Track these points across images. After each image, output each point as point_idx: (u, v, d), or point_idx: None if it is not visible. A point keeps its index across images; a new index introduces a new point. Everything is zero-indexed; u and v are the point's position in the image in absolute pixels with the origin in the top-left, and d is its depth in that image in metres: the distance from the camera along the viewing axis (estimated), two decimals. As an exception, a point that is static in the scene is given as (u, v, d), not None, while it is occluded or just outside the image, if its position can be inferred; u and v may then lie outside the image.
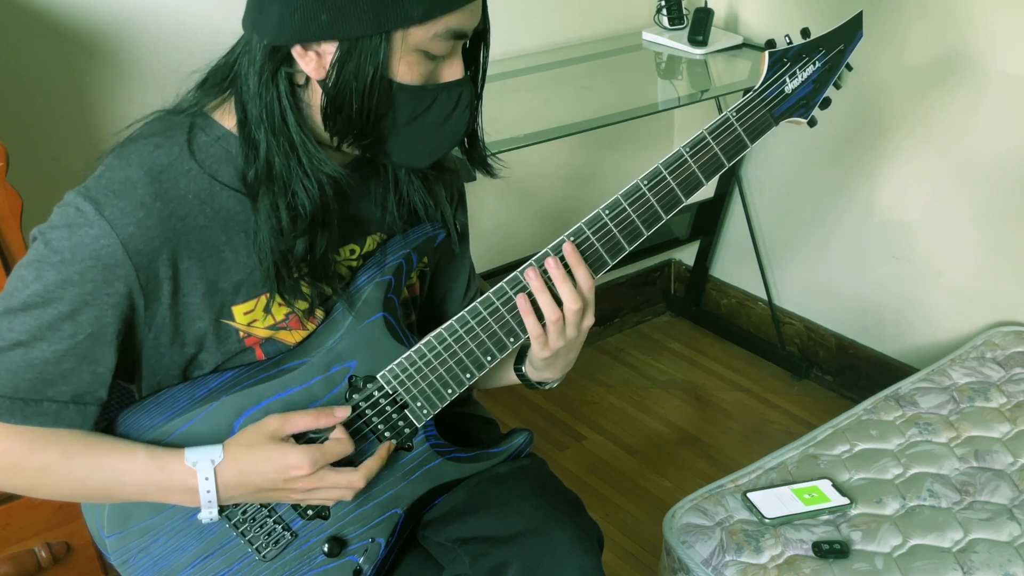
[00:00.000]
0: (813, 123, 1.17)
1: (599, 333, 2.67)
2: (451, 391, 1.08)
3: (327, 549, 1.07)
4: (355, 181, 1.00)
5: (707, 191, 2.50)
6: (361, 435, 1.06)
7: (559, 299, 1.04)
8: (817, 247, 2.37)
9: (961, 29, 1.91)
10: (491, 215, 2.33)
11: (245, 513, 1.04)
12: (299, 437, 1.01)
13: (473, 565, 1.08)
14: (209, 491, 0.97)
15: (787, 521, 1.47)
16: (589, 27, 2.29)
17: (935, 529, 1.46)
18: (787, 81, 1.12)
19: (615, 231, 1.07)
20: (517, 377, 1.19)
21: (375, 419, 1.06)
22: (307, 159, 0.95)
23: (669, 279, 2.81)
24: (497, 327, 1.06)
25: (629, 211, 1.07)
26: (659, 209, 1.09)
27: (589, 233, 1.06)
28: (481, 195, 2.26)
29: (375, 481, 1.06)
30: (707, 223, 2.56)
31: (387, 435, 1.08)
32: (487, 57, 1.01)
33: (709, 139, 1.09)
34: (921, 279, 2.17)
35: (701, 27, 2.16)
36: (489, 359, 1.08)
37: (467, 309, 1.06)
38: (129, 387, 1.09)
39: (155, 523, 1.02)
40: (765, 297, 2.54)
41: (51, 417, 0.94)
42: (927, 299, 2.17)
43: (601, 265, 1.08)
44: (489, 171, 1.09)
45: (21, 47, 1.60)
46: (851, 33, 1.16)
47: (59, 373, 0.93)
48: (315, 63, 0.91)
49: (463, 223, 1.21)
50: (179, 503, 0.99)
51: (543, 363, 1.11)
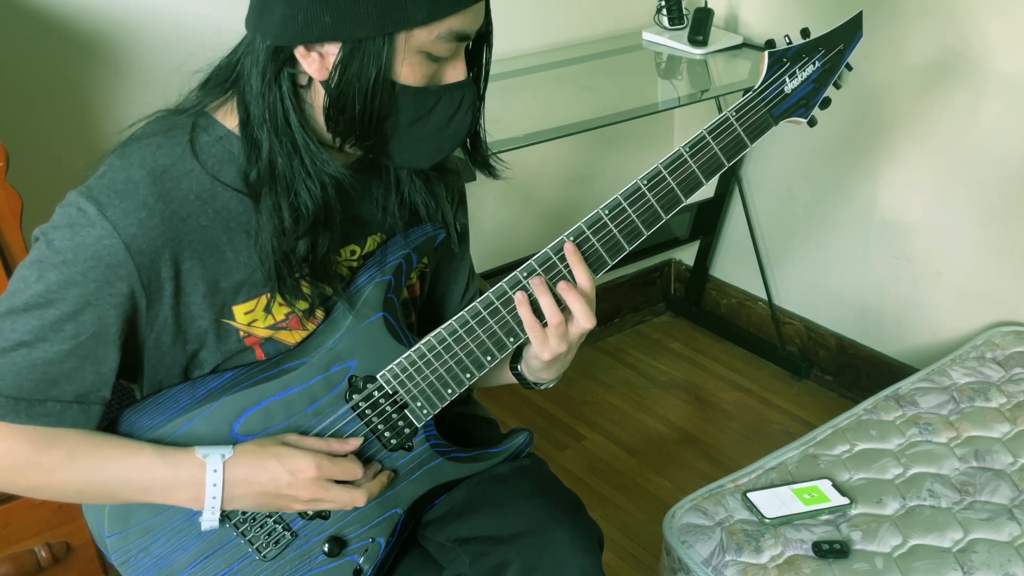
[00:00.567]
0: (813, 123, 1.17)
1: (599, 333, 2.67)
2: (451, 391, 1.08)
3: (327, 549, 1.08)
4: (357, 182, 1.00)
5: (707, 191, 2.51)
6: (361, 435, 1.06)
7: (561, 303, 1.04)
8: (817, 247, 2.37)
9: (961, 29, 1.91)
10: (491, 215, 2.33)
11: (246, 513, 1.04)
12: None
13: (473, 565, 1.08)
14: (215, 484, 0.97)
15: (787, 521, 1.47)
16: (589, 27, 2.29)
17: (935, 529, 1.46)
18: (787, 81, 1.12)
19: (615, 231, 1.07)
20: (513, 376, 1.19)
21: (375, 419, 1.06)
22: (310, 159, 0.95)
23: (669, 279, 2.81)
24: (497, 327, 1.07)
25: (629, 211, 1.07)
26: (659, 209, 1.09)
27: (589, 233, 1.06)
28: (481, 195, 2.26)
29: (375, 481, 1.06)
30: (707, 223, 2.56)
31: (387, 435, 1.08)
32: (490, 58, 1.01)
33: (709, 139, 1.09)
34: (921, 279, 2.17)
35: (701, 27, 2.17)
36: (489, 359, 1.08)
37: (467, 309, 1.06)
38: (131, 387, 1.09)
39: (156, 523, 1.02)
40: (765, 297, 2.54)
41: (55, 417, 0.94)
42: (927, 299, 2.17)
43: (601, 265, 1.08)
44: (491, 172, 1.09)
45: (21, 47, 1.60)
46: (851, 33, 1.16)
47: (62, 373, 0.93)
48: (318, 64, 0.91)
49: (463, 224, 1.21)
50: (182, 503, 0.99)
51: (542, 365, 1.11)
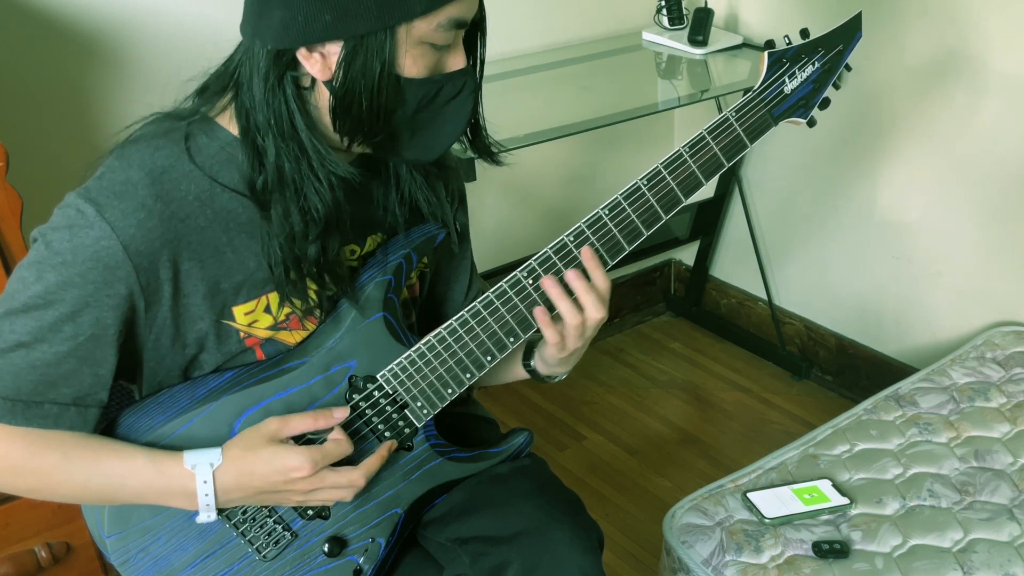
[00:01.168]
0: (812, 123, 1.17)
1: (599, 333, 2.66)
2: (451, 391, 1.08)
3: (327, 549, 1.07)
4: (356, 184, 1.00)
5: (707, 191, 2.50)
6: (361, 435, 1.06)
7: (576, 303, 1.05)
8: (817, 247, 2.37)
9: (961, 29, 1.91)
10: (491, 215, 2.33)
11: (245, 513, 1.04)
12: (298, 439, 1.01)
13: (473, 565, 1.08)
14: (207, 495, 0.97)
15: (787, 521, 1.47)
16: (589, 27, 2.29)
17: (935, 529, 1.46)
18: (786, 81, 1.12)
19: (615, 231, 1.07)
20: (526, 372, 1.19)
21: (375, 419, 1.06)
22: (318, 161, 0.95)
23: (669, 279, 2.81)
24: (497, 327, 1.07)
25: (629, 211, 1.07)
26: (659, 209, 1.09)
27: (589, 233, 1.06)
28: (481, 195, 2.26)
29: (375, 481, 1.06)
30: (707, 223, 2.56)
31: (387, 435, 1.08)
32: (484, 45, 1.01)
33: (709, 139, 1.09)
34: (921, 279, 2.17)
35: (701, 27, 2.17)
36: (489, 359, 1.08)
37: (467, 309, 1.06)
38: (131, 387, 1.09)
39: (155, 523, 1.02)
40: (765, 297, 2.54)
41: (52, 419, 0.94)
42: (927, 299, 2.17)
43: (601, 265, 1.08)
44: (493, 159, 1.10)
45: (21, 47, 1.60)
46: (850, 33, 1.16)
47: (60, 375, 0.93)
48: (320, 64, 0.91)
49: (464, 223, 1.21)
50: (180, 506, 0.99)
51: (558, 361, 1.12)
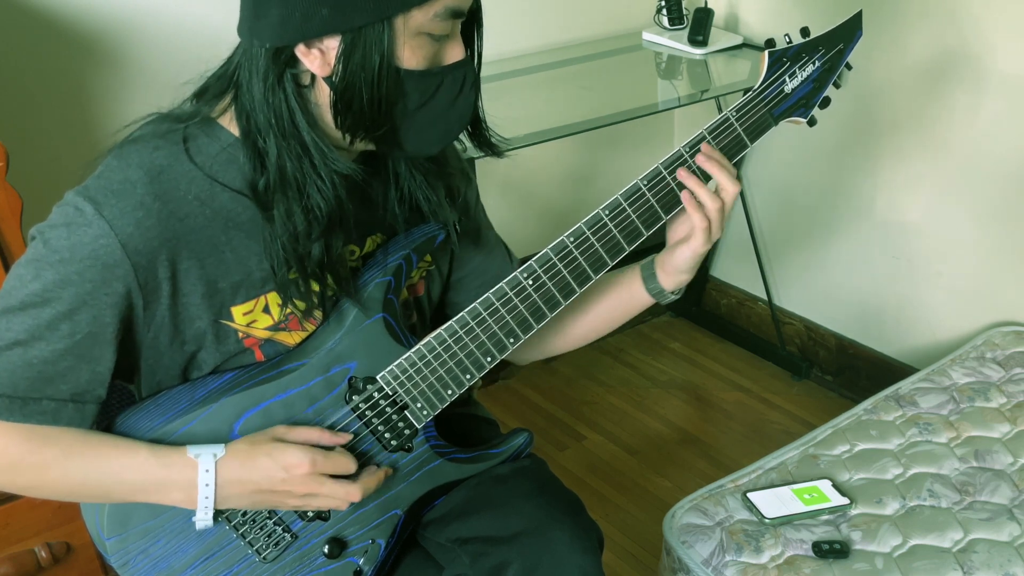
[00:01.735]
0: (813, 123, 1.17)
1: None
2: (451, 392, 1.08)
3: (327, 550, 1.07)
4: (359, 180, 1.00)
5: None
6: (361, 437, 1.06)
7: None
8: (817, 247, 2.37)
9: (961, 29, 1.91)
10: (491, 215, 2.31)
11: (245, 515, 1.04)
12: None
13: (473, 565, 1.08)
14: (208, 484, 0.97)
15: (787, 521, 1.47)
16: (589, 27, 2.29)
17: (935, 529, 1.46)
18: (787, 81, 1.12)
19: (615, 231, 1.07)
20: (650, 296, 1.18)
21: (375, 420, 1.06)
22: (320, 159, 0.95)
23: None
24: (497, 328, 1.07)
25: (629, 211, 1.07)
26: (659, 209, 1.09)
27: (589, 233, 1.06)
28: (481, 195, 2.25)
29: (375, 482, 1.06)
30: (707, 223, 2.56)
31: (387, 436, 1.08)
32: (481, 36, 1.01)
33: (709, 139, 1.09)
34: (921, 279, 2.17)
35: (701, 27, 2.17)
36: (489, 360, 1.08)
37: (467, 310, 1.06)
38: (129, 387, 1.09)
39: (155, 525, 1.02)
40: (765, 297, 2.54)
41: (50, 415, 0.94)
42: (927, 299, 2.17)
43: (601, 265, 1.08)
44: (495, 151, 1.09)
45: (21, 47, 1.60)
46: (851, 32, 1.16)
47: (58, 372, 0.93)
48: (319, 60, 0.91)
49: (476, 216, 1.22)
50: (176, 502, 0.99)
51: (693, 264, 1.13)
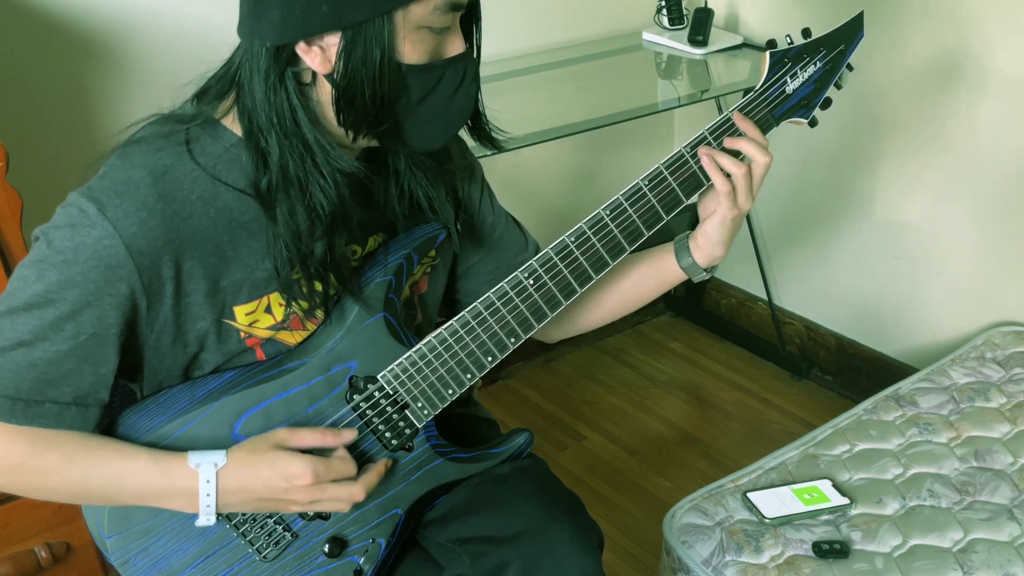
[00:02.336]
0: (814, 123, 1.17)
1: (599, 333, 2.67)
2: (452, 391, 1.08)
3: (327, 550, 1.07)
4: (359, 179, 1.00)
5: (707, 191, 2.50)
6: (362, 436, 1.06)
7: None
8: (817, 247, 2.37)
9: (961, 29, 1.91)
10: (491, 215, 2.33)
11: (246, 514, 1.04)
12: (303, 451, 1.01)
13: (473, 565, 1.08)
14: (209, 494, 0.97)
15: (787, 521, 1.47)
16: (589, 27, 2.29)
17: (935, 529, 1.46)
18: (788, 81, 1.12)
19: (616, 231, 1.07)
20: (683, 272, 1.20)
21: (376, 420, 1.06)
22: (322, 157, 0.95)
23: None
24: (498, 327, 1.07)
25: (630, 211, 1.07)
26: (660, 209, 1.09)
27: (590, 233, 1.06)
28: (481, 195, 2.26)
29: (375, 481, 1.06)
30: (707, 223, 2.56)
31: (388, 435, 1.08)
32: (480, 30, 1.01)
33: (711, 139, 1.09)
34: (921, 279, 2.17)
35: (701, 27, 2.17)
36: (490, 359, 1.08)
37: (468, 310, 1.06)
38: (132, 386, 1.09)
39: (156, 523, 1.02)
40: (765, 297, 2.54)
41: (53, 418, 0.94)
42: (927, 299, 2.17)
43: (602, 265, 1.08)
44: (495, 144, 1.09)
45: (21, 47, 1.60)
46: (852, 33, 1.16)
47: (61, 374, 0.93)
48: (320, 57, 0.91)
49: (486, 208, 1.22)
50: (179, 508, 0.99)
51: (724, 235, 1.12)
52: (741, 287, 2.63)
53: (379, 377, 1.06)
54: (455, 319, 1.06)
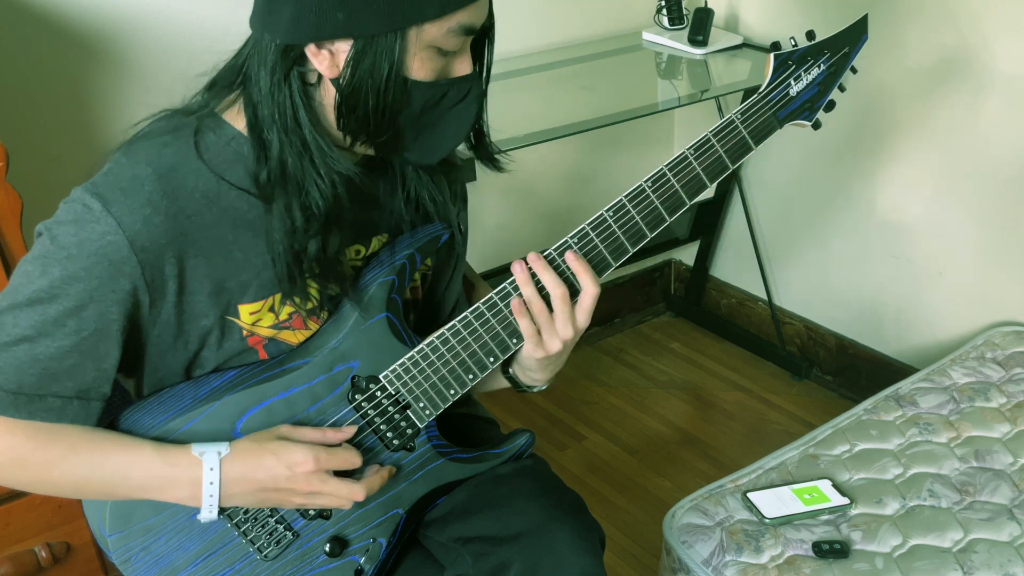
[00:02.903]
0: (817, 126, 1.16)
1: (599, 333, 2.67)
2: (453, 391, 1.08)
3: (328, 549, 1.07)
4: (363, 181, 1.00)
5: (707, 191, 2.50)
6: (364, 435, 1.06)
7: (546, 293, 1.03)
8: (817, 247, 2.38)
9: (961, 29, 1.91)
10: (491, 215, 2.33)
11: (247, 512, 1.04)
12: None
13: (475, 565, 1.08)
14: (212, 483, 0.97)
15: (787, 521, 1.48)
16: (589, 27, 2.29)
17: (935, 529, 1.46)
18: (792, 84, 1.12)
19: (618, 233, 1.07)
20: (507, 381, 1.17)
21: (377, 419, 1.06)
22: (320, 158, 0.95)
23: (669, 279, 2.81)
24: (500, 328, 1.07)
25: (633, 213, 1.07)
26: (663, 211, 1.09)
27: (593, 235, 1.06)
28: (481, 195, 2.26)
29: (377, 481, 1.06)
30: (707, 223, 2.56)
31: (389, 435, 1.08)
32: (492, 52, 1.01)
33: (714, 141, 1.09)
34: (921, 279, 2.17)
35: (701, 27, 2.17)
36: (492, 360, 1.08)
37: (470, 309, 1.06)
38: (126, 382, 1.08)
39: (157, 522, 1.02)
40: (765, 297, 2.54)
41: (55, 412, 0.94)
42: (927, 299, 2.17)
43: (604, 267, 1.08)
44: (496, 165, 1.10)
45: (21, 47, 1.60)
46: (856, 36, 1.16)
47: (63, 369, 0.93)
48: (328, 61, 0.91)
49: (464, 224, 1.21)
50: (181, 500, 0.99)
51: (536, 364, 1.09)
52: (741, 287, 2.63)
53: (381, 377, 1.06)
54: (457, 319, 1.06)
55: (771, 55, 1.11)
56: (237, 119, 0.98)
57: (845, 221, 2.28)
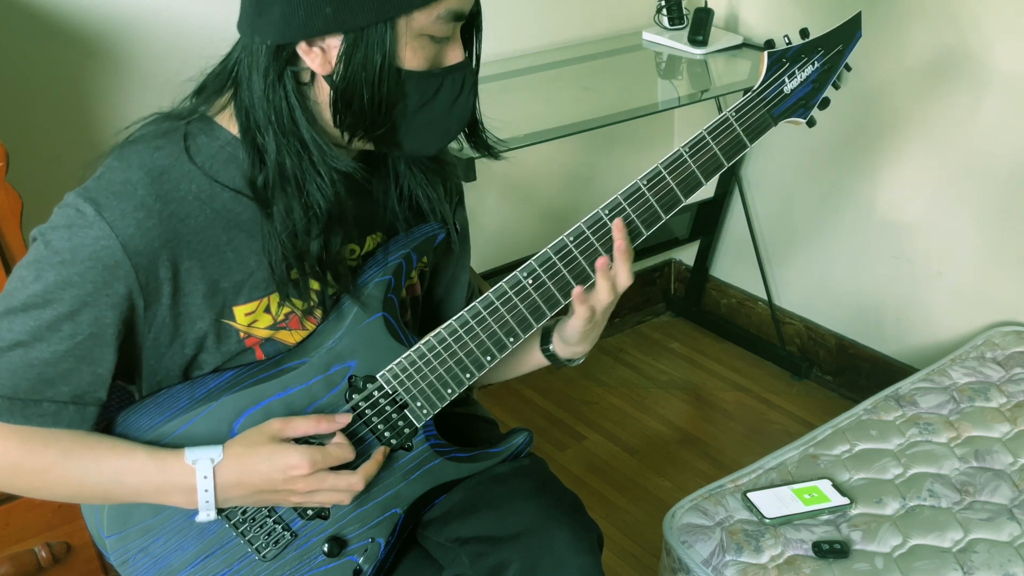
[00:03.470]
0: (812, 123, 1.17)
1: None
2: (451, 391, 1.08)
3: (327, 549, 1.07)
4: (357, 179, 1.00)
5: (707, 191, 2.51)
6: (360, 435, 1.06)
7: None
8: (817, 247, 2.37)
9: (961, 29, 1.91)
10: (491, 215, 2.33)
11: (245, 513, 1.04)
12: (300, 442, 1.01)
13: (473, 565, 1.08)
14: (207, 490, 0.97)
15: (787, 521, 1.47)
16: (589, 27, 2.29)
17: (935, 529, 1.46)
18: (786, 81, 1.12)
19: (615, 231, 1.07)
20: (545, 358, 1.19)
21: (375, 419, 1.06)
22: (319, 156, 0.95)
23: (669, 279, 2.81)
24: (497, 327, 1.07)
25: (629, 211, 1.07)
26: (659, 209, 1.09)
27: (588, 233, 1.06)
28: (481, 195, 2.26)
29: (375, 481, 1.06)
30: (707, 223, 2.56)
31: (387, 435, 1.08)
32: (480, 39, 1.01)
33: (708, 139, 1.09)
34: (921, 279, 2.17)
35: (701, 27, 2.17)
36: (489, 359, 1.08)
37: (467, 309, 1.06)
38: (130, 387, 1.09)
39: (155, 523, 1.02)
40: (765, 297, 2.54)
41: (50, 417, 0.94)
42: (927, 299, 2.17)
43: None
44: (492, 153, 1.09)
45: (21, 47, 1.60)
46: (850, 33, 1.16)
47: (58, 373, 0.93)
48: (320, 58, 0.91)
49: (463, 223, 1.21)
50: (177, 504, 0.99)
51: (581, 336, 1.11)
52: (741, 287, 2.63)
53: (378, 376, 1.06)
54: (454, 319, 1.06)
55: (765, 53, 1.11)
56: (230, 123, 0.98)
57: (845, 221, 2.28)
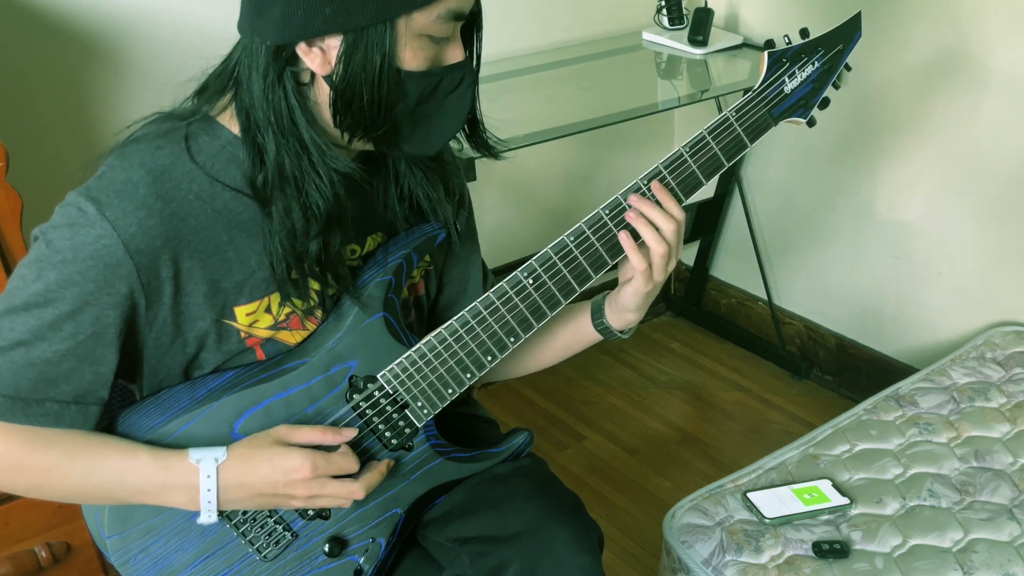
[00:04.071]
0: (812, 123, 1.17)
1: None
2: (451, 391, 1.08)
3: (327, 549, 1.07)
4: (358, 179, 1.00)
5: (707, 191, 2.51)
6: (361, 435, 1.06)
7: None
8: (817, 247, 2.37)
9: (961, 29, 1.91)
10: (491, 215, 2.33)
11: (246, 513, 1.04)
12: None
13: (473, 565, 1.08)
14: (210, 490, 0.97)
15: (787, 521, 1.47)
16: (589, 27, 2.29)
17: (935, 529, 1.46)
18: (786, 81, 1.12)
19: (616, 231, 1.07)
20: (597, 332, 1.19)
21: (376, 419, 1.06)
22: (318, 157, 0.95)
23: (669, 279, 2.81)
24: (498, 327, 1.07)
25: (629, 211, 1.07)
26: (659, 209, 1.09)
27: (589, 233, 1.06)
28: (481, 195, 2.26)
29: (375, 482, 1.06)
30: (707, 223, 2.56)
31: (388, 435, 1.08)
32: (480, 39, 1.01)
33: (709, 139, 1.09)
34: (921, 279, 2.17)
35: (701, 27, 2.17)
36: (489, 359, 1.08)
37: (467, 309, 1.06)
38: (130, 387, 1.09)
39: (156, 523, 1.02)
40: (765, 297, 2.54)
41: (53, 417, 0.94)
42: (927, 299, 2.17)
43: (601, 265, 1.08)
44: (491, 152, 1.09)
45: (21, 47, 1.60)
46: (850, 33, 1.16)
47: (60, 373, 0.93)
48: (320, 59, 0.91)
49: (469, 222, 1.21)
50: (179, 505, 0.99)
51: (639, 303, 1.11)
52: (741, 287, 2.63)
53: (379, 377, 1.06)
54: (455, 319, 1.06)
55: (765, 53, 1.11)
56: (231, 123, 0.98)
57: (845, 221, 2.28)
